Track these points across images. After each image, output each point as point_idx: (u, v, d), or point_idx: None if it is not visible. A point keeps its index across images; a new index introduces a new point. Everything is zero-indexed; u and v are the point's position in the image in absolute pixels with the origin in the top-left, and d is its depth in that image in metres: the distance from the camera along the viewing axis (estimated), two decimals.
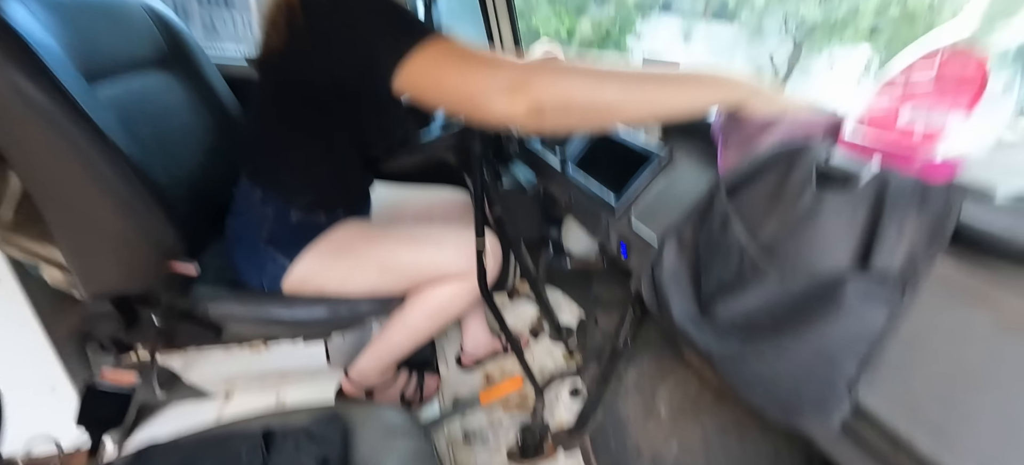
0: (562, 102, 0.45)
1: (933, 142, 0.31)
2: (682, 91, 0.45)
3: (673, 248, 0.45)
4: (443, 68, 0.46)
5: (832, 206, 0.33)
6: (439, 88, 0.47)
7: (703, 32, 8.41)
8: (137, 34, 0.80)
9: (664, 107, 0.46)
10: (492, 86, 0.45)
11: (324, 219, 0.75)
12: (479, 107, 0.46)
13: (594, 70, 0.46)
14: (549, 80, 0.44)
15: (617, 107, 0.45)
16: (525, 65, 0.46)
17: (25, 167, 0.58)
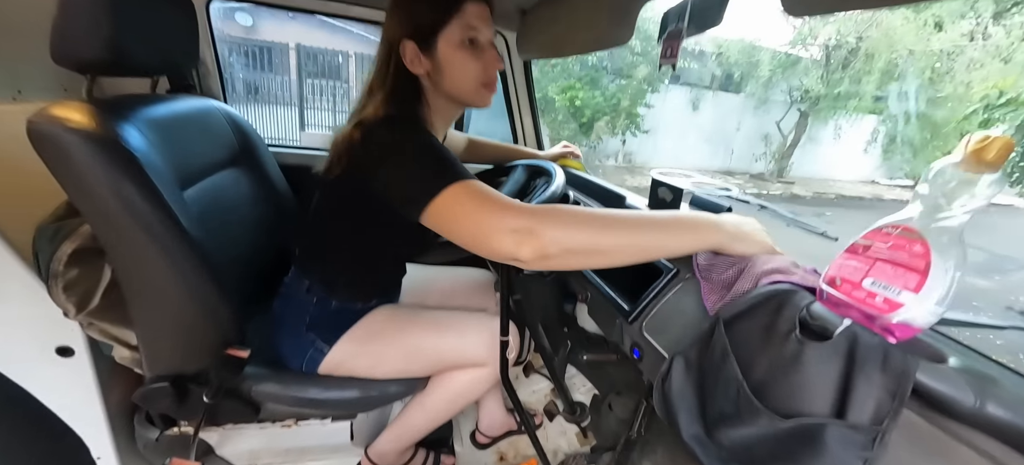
0: (565, 248, 0.51)
1: (892, 309, 0.37)
2: (674, 236, 0.53)
3: (681, 368, 0.51)
4: (462, 208, 0.54)
5: (813, 355, 0.39)
6: (457, 224, 0.54)
7: (710, 102, 8.82)
8: (217, 137, 0.93)
9: (659, 251, 0.54)
10: (502, 228, 0.51)
11: (360, 307, 0.83)
12: (489, 246, 0.52)
13: (595, 217, 0.53)
14: (554, 228, 0.51)
15: (615, 251, 0.52)
16: (533, 211, 0.52)
17: (121, 262, 0.68)
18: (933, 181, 0.40)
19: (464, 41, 0.66)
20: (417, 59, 0.66)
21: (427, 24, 0.65)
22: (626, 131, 7.72)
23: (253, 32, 7.11)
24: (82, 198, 0.62)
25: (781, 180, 8.90)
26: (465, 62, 0.67)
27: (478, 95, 0.70)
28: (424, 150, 0.59)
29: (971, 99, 6.18)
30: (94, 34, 0.64)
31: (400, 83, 0.67)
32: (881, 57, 6.96)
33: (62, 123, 0.58)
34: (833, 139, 8.99)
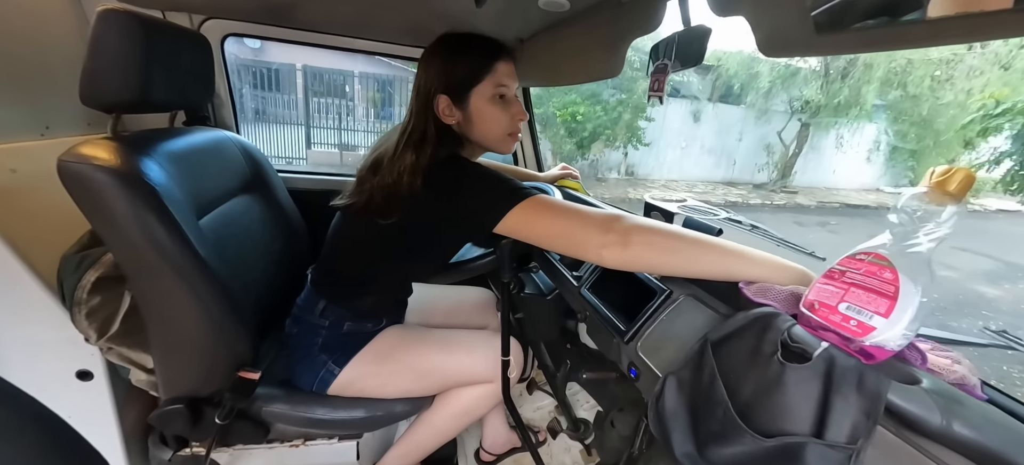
0: (654, 244, 0.57)
1: (865, 332, 0.40)
2: (730, 262, 0.56)
3: (673, 387, 0.53)
4: (553, 214, 0.61)
5: (793, 376, 0.41)
6: (552, 226, 0.61)
7: (711, 114, 8.89)
8: (231, 166, 0.97)
9: (715, 271, 0.57)
10: (599, 224, 0.58)
11: (370, 328, 0.86)
12: (588, 240, 0.59)
13: (666, 229, 0.60)
14: (643, 228, 0.58)
15: (695, 264, 0.57)
16: (619, 214, 0.60)
17: (141, 289, 0.72)
18: (901, 210, 0.43)
19: (495, 97, 0.72)
20: (450, 111, 0.71)
21: (462, 81, 0.71)
22: (627, 145, 7.78)
23: (261, 54, 7.32)
24: (107, 230, 0.66)
25: (785, 190, 8.89)
26: (495, 115, 0.73)
27: (503, 144, 0.77)
28: (492, 174, 0.66)
29: (969, 107, 6.19)
30: (122, 77, 0.69)
31: (440, 131, 0.72)
32: (880, 67, 7.00)
33: (90, 161, 0.62)
34: (835, 148, 9.01)
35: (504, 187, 0.64)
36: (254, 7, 1.02)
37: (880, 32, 0.41)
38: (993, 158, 6.04)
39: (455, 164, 0.68)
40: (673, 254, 0.57)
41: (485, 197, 0.64)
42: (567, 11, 0.84)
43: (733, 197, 8.03)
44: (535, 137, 1.34)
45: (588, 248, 0.59)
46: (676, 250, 0.57)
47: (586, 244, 0.59)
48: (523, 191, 0.63)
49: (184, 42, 0.82)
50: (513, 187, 0.64)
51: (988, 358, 2.79)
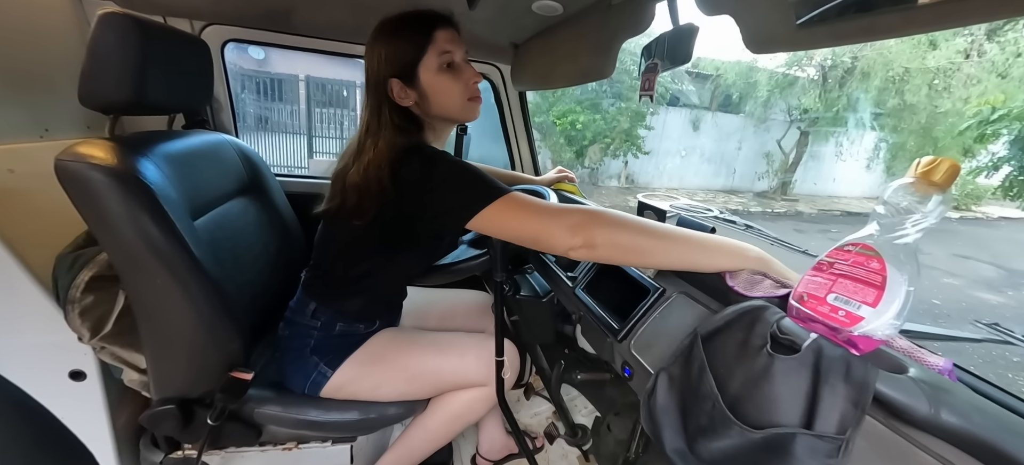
0: (619, 242, 0.59)
1: (853, 322, 0.39)
2: (702, 253, 0.59)
3: (664, 384, 0.53)
4: (519, 213, 0.62)
5: (782, 367, 0.41)
6: (515, 224, 0.62)
7: (711, 122, 8.93)
8: (228, 169, 0.98)
9: (687, 262, 0.60)
10: (565, 222, 0.59)
11: (363, 329, 0.86)
12: (554, 237, 0.60)
13: (635, 222, 0.60)
14: (608, 228, 0.59)
15: (662, 254, 0.59)
16: (583, 209, 0.60)
17: (134, 288, 0.72)
18: (888, 201, 0.43)
19: (442, 66, 0.71)
20: (404, 93, 0.71)
21: (406, 60, 0.70)
22: (627, 153, 7.81)
23: (265, 65, 7.41)
24: (102, 229, 0.66)
25: (785, 198, 8.89)
26: (448, 85, 0.72)
27: (466, 110, 0.76)
28: (465, 169, 0.65)
29: (964, 115, 6.21)
30: (120, 78, 0.70)
31: (399, 117, 0.71)
32: (877, 75, 7.05)
33: (87, 160, 0.63)
34: (835, 156, 9.02)
35: (479, 184, 0.63)
36: (254, 13, 1.04)
37: (857, 24, 0.42)
38: (991, 164, 6.04)
39: (424, 157, 0.66)
40: (638, 252, 0.60)
41: (459, 194, 0.64)
42: (560, 15, 0.85)
43: (734, 205, 8.03)
44: (532, 141, 1.35)
45: (557, 249, 0.60)
46: (641, 249, 0.60)
47: (555, 245, 0.60)
48: (497, 189, 0.63)
49: (183, 46, 0.84)
50: (488, 184, 0.63)
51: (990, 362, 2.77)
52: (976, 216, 8.88)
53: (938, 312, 3.70)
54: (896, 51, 6.88)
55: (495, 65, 1.28)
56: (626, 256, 0.62)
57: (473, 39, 1.07)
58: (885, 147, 8.60)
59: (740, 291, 0.53)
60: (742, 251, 0.59)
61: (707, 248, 0.59)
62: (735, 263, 0.58)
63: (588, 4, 0.77)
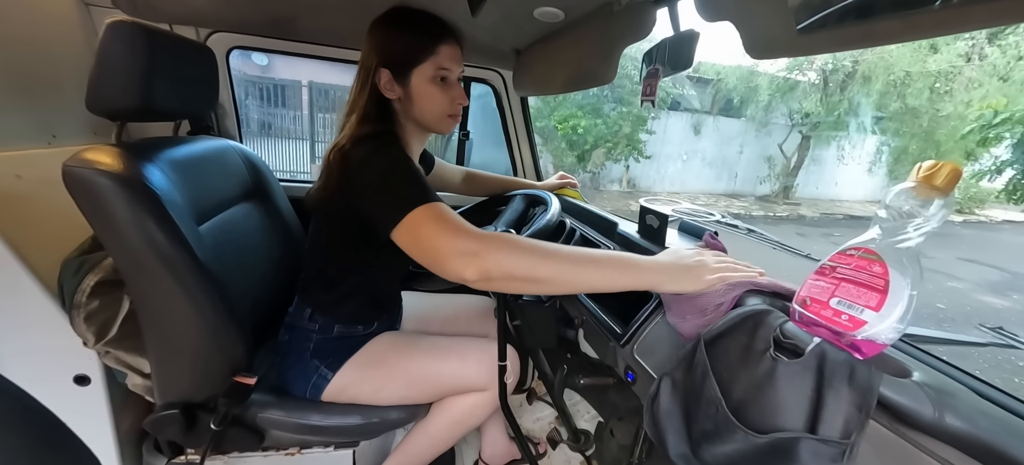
0: (506, 272, 0.56)
1: (856, 326, 0.39)
2: (608, 274, 0.57)
3: (668, 388, 0.52)
4: (424, 229, 0.58)
5: (785, 372, 0.41)
6: (418, 245, 0.59)
7: (712, 127, 8.94)
8: (232, 174, 0.99)
9: (593, 286, 0.58)
10: (453, 251, 0.56)
11: (361, 331, 0.86)
12: (442, 267, 0.57)
13: (538, 248, 0.57)
14: (498, 253, 0.56)
15: (552, 281, 0.57)
16: (482, 237, 0.57)
17: (139, 293, 0.72)
18: (890, 205, 0.43)
19: (435, 78, 0.72)
20: (391, 86, 0.72)
21: (404, 58, 0.71)
22: (629, 157, 7.82)
23: (268, 71, 7.47)
24: (108, 234, 0.67)
25: (787, 201, 8.88)
26: (435, 96, 0.73)
27: (442, 124, 0.76)
28: (396, 170, 0.64)
29: (966, 118, 6.21)
30: (128, 85, 0.71)
31: (376, 105, 0.72)
32: (878, 79, 7.05)
33: (94, 166, 0.64)
34: (836, 160, 9.02)
35: (406, 188, 0.61)
36: (258, 21, 1.06)
37: (858, 30, 0.42)
38: (994, 167, 6.03)
39: (371, 147, 0.65)
40: (540, 282, 0.57)
41: (385, 197, 0.62)
42: (561, 21, 0.86)
43: (736, 209, 8.02)
44: (533, 147, 1.36)
45: (452, 278, 0.57)
46: (542, 278, 0.56)
47: (449, 274, 0.57)
48: (422, 196, 0.60)
49: (189, 54, 0.85)
50: (417, 190, 0.61)
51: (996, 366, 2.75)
52: (979, 220, 8.84)
53: (942, 316, 3.68)
54: (897, 55, 6.89)
55: (497, 71, 1.29)
56: (527, 287, 0.57)
57: (475, 45, 1.08)
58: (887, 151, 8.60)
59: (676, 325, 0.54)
60: (679, 272, 0.55)
61: (625, 267, 0.56)
62: (659, 281, 0.56)
63: (589, 10, 0.78)
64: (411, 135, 0.79)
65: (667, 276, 0.57)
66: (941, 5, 0.38)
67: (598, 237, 0.95)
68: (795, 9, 0.44)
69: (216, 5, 0.98)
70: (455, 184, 1.18)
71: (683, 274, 0.56)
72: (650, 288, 0.57)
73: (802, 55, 0.63)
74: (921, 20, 0.38)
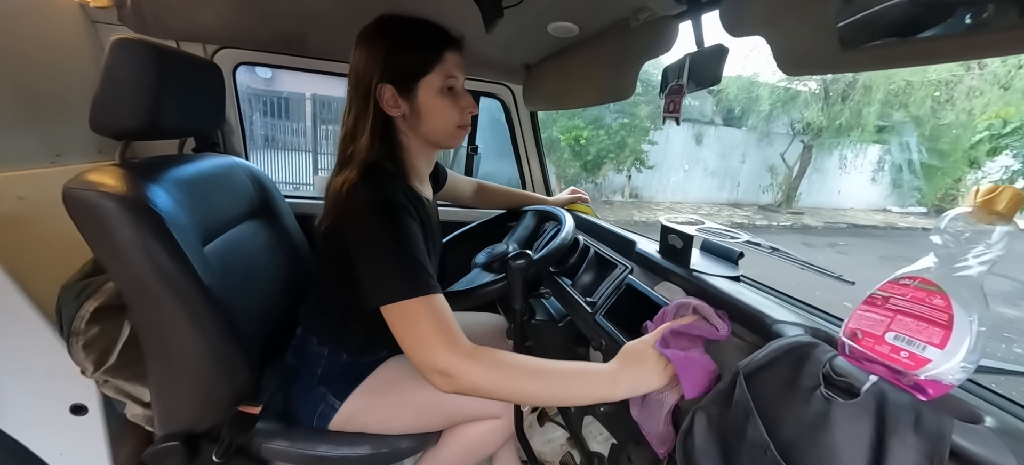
0: (483, 392, 0.56)
1: (919, 365, 0.36)
2: (579, 388, 0.56)
3: (702, 424, 0.49)
4: (413, 325, 0.57)
5: (841, 414, 0.38)
6: (405, 337, 0.58)
7: (714, 136, 8.96)
8: (239, 192, 0.96)
9: (566, 400, 0.61)
10: (435, 364, 0.55)
11: (371, 359, 0.83)
12: (422, 369, 0.57)
13: (514, 369, 0.56)
14: (473, 376, 0.55)
15: (524, 399, 0.59)
16: (463, 355, 0.55)
17: (142, 318, 0.69)
18: (946, 231, 0.40)
19: (443, 89, 0.68)
20: (395, 102, 0.67)
21: (408, 71, 0.66)
22: (631, 167, 7.82)
23: (272, 84, 7.53)
24: (110, 258, 0.64)
25: (790, 211, 8.84)
26: (445, 109, 0.69)
27: (453, 137, 0.72)
28: (400, 243, 0.60)
29: (976, 128, 6.21)
30: (135, 104, 0.69)
31: (379, 127, 0.67)
32: (880, 88, 7.07)
33: (96, 187, 0.61)
34: (839, 169, 9.00)
35: (411, 269, 0.58)
36: (267, 37, 1.04)
37: (908, 48, 0.40)
38: (1005, 177, 6.02)
39: (370, 201, 0.61)
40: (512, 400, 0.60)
41: (385, 271, 0.58)
42: (575, 36, 0.84)
43: (739, 218, 7.98)
44: (543, 161, 1.33)
45: (423, 373, 0.57)
46: (513, 399, 0.60)
47: (423, 375, 0.57)
48: (422, 285, 0.57)
49: (196, 71, 0.83)
50: (417, 273, 0.58)
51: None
52: None
53: None
54: None
55: (506, 85, 1.27)
56: (504, 400, 0.62)
57: (484, 60, 1.07)
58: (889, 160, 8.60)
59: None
60: (632, 372, 0.56)
61: (596, 383, 0.56)
62: (628, 389, 0.56)
63: (606, 26, 0.76)
64: (417, 155, 0.74)
65: (634, 382, 0.57)
66: (996, 24, 0.36)
67: (614, 256, 0.92)
68: (838, 23, 0.42)
69: (227, 22, 0.97)
70: (466, 197, 1.16)
71: (648, 374, 0.56)
72: (622, 398, 0.58)
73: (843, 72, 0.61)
74: (976, 40, 0.36)
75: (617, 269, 0.86)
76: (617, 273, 0.85)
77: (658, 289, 0.74)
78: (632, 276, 0.81)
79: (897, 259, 5.97)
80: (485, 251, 0.93)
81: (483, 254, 0.91)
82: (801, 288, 0.70)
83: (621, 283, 0.82)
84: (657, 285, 0.75)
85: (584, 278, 0.95)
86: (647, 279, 0.78)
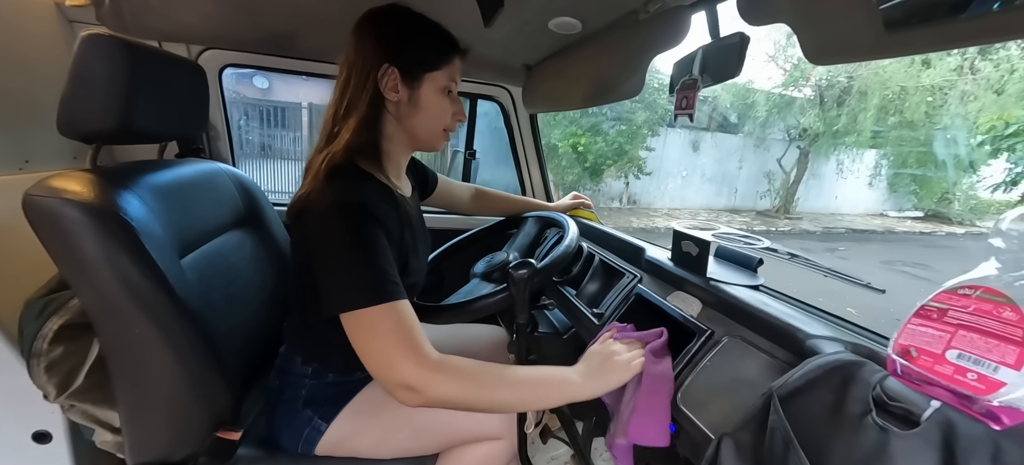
0: (452, 403, 0.55)
1: (991, 389, 0.31)
2: (549, 391, 0.59)
3: (731, 452, 0.44)
4: (375, 337, 0.55)
5: (901, 447, 0.33)
6: (363, 346, 0.55)
7: (710, 143, 8.98)
8: (223, 200, 0.91)
9: (536, 405, 0.62)
10: (398, 378, 0.54)
11: (359, 377, 0.77)
12: (384, 384, 0.55)
13: (478, 377, 0.56)
14: (439, 389, 0.54)
15: (494, 407, 0.58)
16: (427, 367, 0.54)
17: (109, 337, 0.63)
18: (1008, 232, 0.36)
19: (445, 89, 0.69)
20: (396, 86, 0.65)
21: (419, 61, 0.66)
22: (629, 174, 7.82)
23: (269, 94, 7.51)
24: (74, 271, 0.59)
25: (788, 216, 8.84)
26: (441, 106, 0.70)
27: (438, 139, 0.73)
28: (365, 250, 0.57)
29: (977, 130, 6.25)
30: (105, 105, 0.64)
31: (372, 110, 0.65)
32: (875, 94, 7.12)
33: (59, 194, 0.56)
34: (836, 174, 9.04)
35: (375, 275, 0.56)
36: (254, 38, 1.00)
37: (963, 26, 0.35)
38: (1008, 179, 6.05)
39: (336, 202, 0.58)
40: (479, 409, 0.57)
41: (347, 277, 0.56)
42: (578, 32, 0.80)
43: (737, 225, 7.97)
44: (544, 167, 1.29)
45: (385, 388, 0.56)
46: (482, 408, 0.57)
47: (387, 390, 0.56)
48: (385, 291, 0.55)
49: (176, 71, 0.78)
50: (380, 280, 0.55)
51: None
52: (981, 231, 8.81)
53: None
54: (892, 70, 6.98)
55: (505, 88, 1.23)
56: (470, 409, 0.58)
57: (483, 61, 1.03)
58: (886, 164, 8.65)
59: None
60: (597, 370, 0.60)
61: (563, 386, 0.59)
62: (595, 388, 0.59)
63: (612, 20, 0.72)
64: (398, 148, 0.72)
65: (601, 380, 0.60)
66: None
67: (621, 263, 0.87)
68: (883, 6, 0.37)
69: (211, 22, 0.92)
70: (464, 203, 1.11)
71: (606, 372, 0.60)
72: (576, 399, 0.59)
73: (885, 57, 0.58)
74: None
75: (625, 278, 0.81)
76: (625, 282, 0.80)
77: (671, 299, 0.69)
78: (642, 285, 0.76)
79: (898, 263, 5.95)
80: (484, 260, 0.88)
81: (482, 263, 0.86)
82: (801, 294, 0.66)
83: (630, 293, 0.76)
84: (670, 295, 0.70)
85: (589, 288, 0.90)
86: (659, 289, 0.73)
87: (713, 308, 0.62)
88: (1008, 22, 0.33)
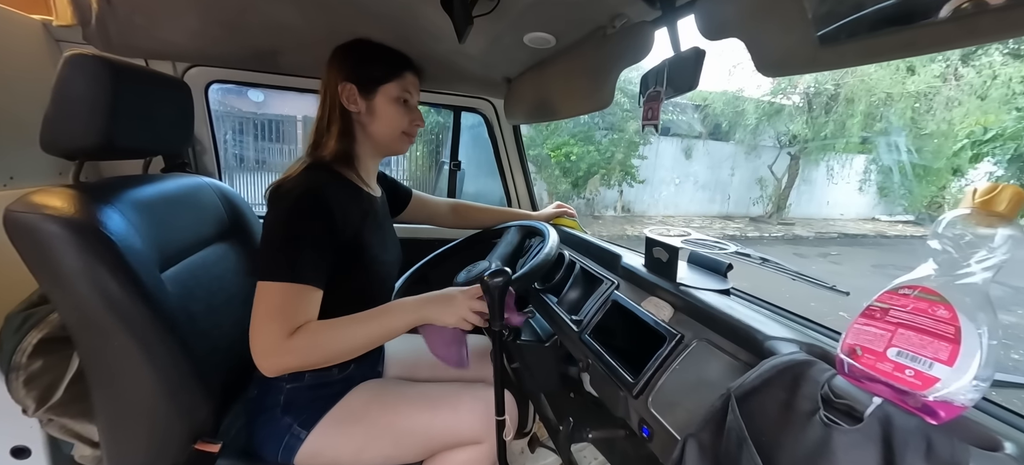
0: (305, 363, 0.63)
1: (926, 384, 0.33)
2: (385, 324, 0.67)
3: (694, 453, 0.45)
4: (263, 305, 0.62)
5: (843, 441, 0.34)
6: (254, 315, 0.62)
7: (702, 150, 9.08)
8: (207, 213, 0.91)
9: (379, 338, 0.68)
10: (255, 343, 0.61)
11: (337, 375, 0.77)
12: (253, 350, 0.62)
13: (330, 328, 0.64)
14: (292, 349, 0.61)
15: (351, 348, 0.65)
16: (284, 335, 0.61)
17: (89, 352, 0.64)
18: (943, 235, 0.38)
19: (399, 99, 0.78)
20: (354, 98, 0.75)
21: (371, 76, 0.76)
22: (622, 183, 7.87)
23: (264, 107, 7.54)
24: (54, 286, 0.60)
25: (781, 222, 8.91)
26: (397, 114, 0.79)
27: (399, 142, 0.82)
28: (300, 234, 0.64)
29: (957, 136, 6.35)
30: (88, 122, 0.65)
31: (343, 122, 0.76)
32: (861, 101, 7.24)
33: (39, 209, 0.57)
34: (826, 180, 9.14)
35: (298, 257, 0.63)
36: (238, 54, 1.02)
37: (887, 40, 0.37)
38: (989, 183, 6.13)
39: (291, 187, 0.67)
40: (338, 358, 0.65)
41: (276, 249, 0.64)
42: (552, 47, 0.83)
43: (731, 231, 8.02)
44: (528, 176, 1.31)
45: (254, 355, 0.62)
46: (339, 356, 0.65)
47: (255, 357, 0.62)
48: (296, 272, 0.62)
49: (159, 88, 0.80)
50: (298, 263, 0.63)
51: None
52: None
53: None
54: (877, 77, 7.11)
55: (488, 99, 1.26)
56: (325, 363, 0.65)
57: (465, 74, 1.05)
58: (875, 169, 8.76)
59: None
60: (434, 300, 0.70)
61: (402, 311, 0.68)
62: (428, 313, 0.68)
63: (582, 35, 0.74)
64: (367, 151, 0.81)
65: (423, 310, 0.69)
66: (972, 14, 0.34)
67: (600, 270, 0.88)
68: (815, 19, 0.40)
69: (196, 40, 0.94)
70: (442, 217, 1.12)
71: (445, 306, 0.69)
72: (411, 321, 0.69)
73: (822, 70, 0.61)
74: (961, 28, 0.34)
75: (603, 285, 0.82)
76: (603, 289, 0.81)
77: (645, 305, 0.70)
78: (618, 292, 0.78)
79: (889, 267, 6.00)
80: (466, 269, 0.89)
81: (463, 273, 0.87)
82: (796, 299, 0.67)
83: (607, 299, 0.78)
84: (644, 300, 0.71)
85: (570, 295, 0.91)
86: (634, 294, 0.75)
87: (683, 312, 0.63)
88: (918, 37, 0.35)
